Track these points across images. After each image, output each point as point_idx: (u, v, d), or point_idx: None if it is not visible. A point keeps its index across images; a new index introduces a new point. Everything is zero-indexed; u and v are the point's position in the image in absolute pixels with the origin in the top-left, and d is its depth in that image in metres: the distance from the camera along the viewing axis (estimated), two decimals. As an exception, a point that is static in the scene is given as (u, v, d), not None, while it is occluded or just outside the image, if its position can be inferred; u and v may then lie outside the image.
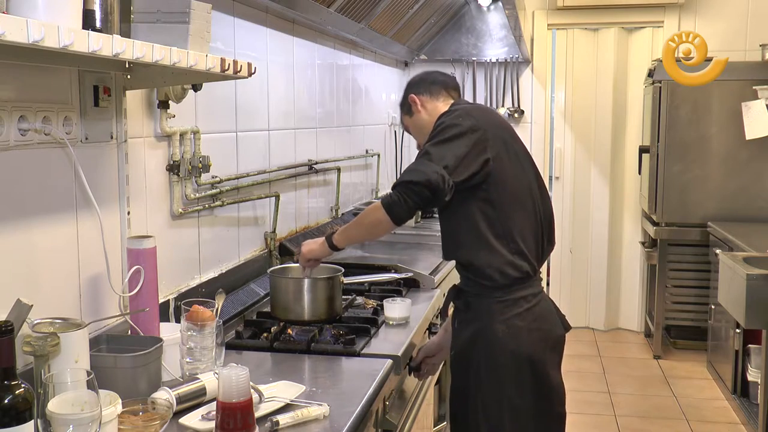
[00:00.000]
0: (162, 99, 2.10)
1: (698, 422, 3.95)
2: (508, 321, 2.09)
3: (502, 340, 2.08)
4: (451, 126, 2.08)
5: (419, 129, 2.33)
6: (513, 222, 2.11)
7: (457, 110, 2.18)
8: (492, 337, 2.09)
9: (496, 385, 2.10)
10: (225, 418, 1.43)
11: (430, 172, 1.96)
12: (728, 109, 4.72)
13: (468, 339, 2.14)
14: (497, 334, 2.09)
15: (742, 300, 3.07)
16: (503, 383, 2.10)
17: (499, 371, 2.10)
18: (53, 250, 1.69)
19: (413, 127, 2.36)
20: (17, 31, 1.12)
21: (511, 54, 5.40)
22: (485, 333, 2.10)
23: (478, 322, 2.12)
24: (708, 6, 5.21)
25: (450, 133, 2.05)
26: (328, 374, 1.92)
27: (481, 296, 2.13)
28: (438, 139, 2.06)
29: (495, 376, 2.10)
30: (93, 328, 1.68)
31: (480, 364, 2.11)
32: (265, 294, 2.58)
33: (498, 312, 2.10)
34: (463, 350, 2.17)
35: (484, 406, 2.11)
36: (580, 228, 5.64)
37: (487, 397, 2.11)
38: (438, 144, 2.04)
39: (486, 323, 2.10)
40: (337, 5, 2.98)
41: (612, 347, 5.27)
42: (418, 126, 2.33)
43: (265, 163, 2.90)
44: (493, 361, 2.10)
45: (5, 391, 1.17)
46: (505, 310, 2.10)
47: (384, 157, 4.74)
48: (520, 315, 2.10)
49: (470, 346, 2.14)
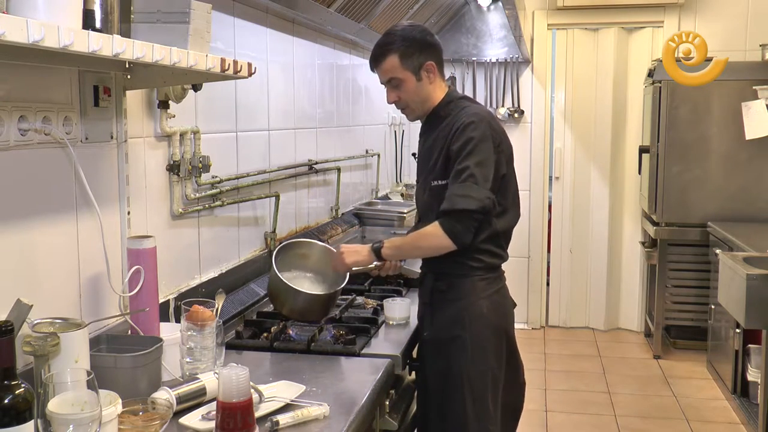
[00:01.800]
0: (162, 99, 2.10)
1: (698, 422, 3.95)
2: (491, 297, 2.23)
3: (486, 315, 2.22)
4: (484, 141, 2.15)
5: (415, 95, 2.27)
6: (511, 217, 2.28)
7: (477, 116, 2.18)
8: (477, 313, 2.21)
9: (482, 359, 2.20)
10: (225, 418, 1.43)
11: (483, 199, 2.11)
12: (728, 109, 4.71)
13: (451, 317, 2.22)
14: (482, 309, 2.21)
15: (742, 300, 3.07)
16: (488, 357, 2.21)
17: (485, 345, 2.21)
18: (53, 250, 1.69)
19: (411, 91, 2.26)
20: (17, 31, 1.12)
21: (511, 54, 5.40)
22: (470, 309, 2.21)
23: (464, 300, 2.22)
24: (708, 6, 5.21)
25: (486, 152, 2.14)
26: (328, 374, 1.92)
27: (465, 276, 2.22)
28: (478, 159, 2.13)
29: (480, 350, 2.20)
30: (93, 328, 1.68)
31: (466, 340, 2.19)
32: (265, 294, 2.58)
33: (482, 289, 2.23)
34: (446, 328, 2.23)
35: (470, 380, 2.18)
36: (580, 228, 5.64)
37: (472, 371, 2.19)
38: (479, 165, 2.12)
39: (471, 300, 2.21)
40: (337, 5, 2.98)
41: (612, 347, 5.27)
42: (417, 93, 2.26)
43: (265, 163, 2.90)
44: (478, 336, 2.20)
45: (5, 391, 1.17)
46: (488, 287, 2.24)
47: (384, 157, 4.74)
48: (498, 291, 2.27)
49: (454, 324, 2.21)
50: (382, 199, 4.51)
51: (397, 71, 2.24)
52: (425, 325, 2.30)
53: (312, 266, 2.48)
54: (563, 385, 4.52)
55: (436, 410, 2.25)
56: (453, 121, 2.22)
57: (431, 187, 2.24)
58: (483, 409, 2.19)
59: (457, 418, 2.19)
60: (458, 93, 2.38)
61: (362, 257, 2.28)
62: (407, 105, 2.30)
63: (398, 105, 2.32)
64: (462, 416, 2.18)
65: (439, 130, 2.26)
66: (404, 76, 2.24)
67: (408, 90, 2.26)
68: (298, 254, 2.48)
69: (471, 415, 2.18)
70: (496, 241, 2.24)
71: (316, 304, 2.29)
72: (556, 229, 5.72)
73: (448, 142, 2.19)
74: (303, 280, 2.46)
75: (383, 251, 2.25)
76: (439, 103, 2.28)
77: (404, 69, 2.23)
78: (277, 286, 2.29)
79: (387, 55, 2.23)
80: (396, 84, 2.26)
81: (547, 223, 5.71)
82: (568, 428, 3.93)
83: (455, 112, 2.24)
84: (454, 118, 2.22)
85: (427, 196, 2.27)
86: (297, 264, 2.47)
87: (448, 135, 2.19)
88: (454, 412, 2.20)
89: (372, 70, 2.31)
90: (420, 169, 2.38)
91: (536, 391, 4.32)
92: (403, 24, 2.38)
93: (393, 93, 2.29)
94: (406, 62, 2.23)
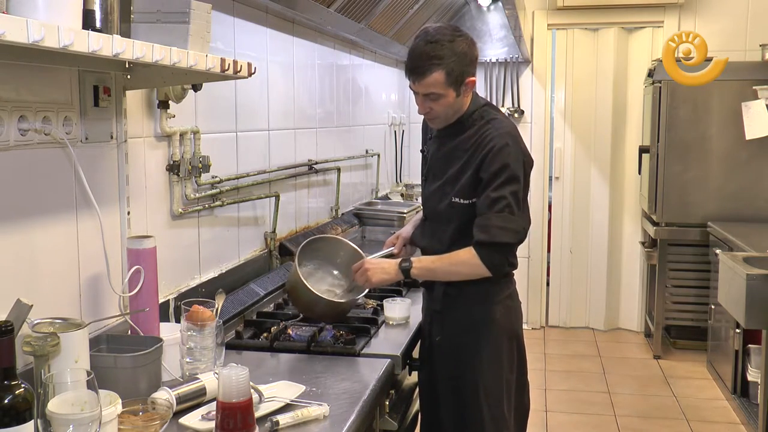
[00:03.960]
0: (162, 99, 2.10)
1: (698, 422, 3.95)
2: (503, 302, 2.22)
3: (499, 320, 2.20)
4: (517, 165, 2.12)
5: (450, 109, 2.16)
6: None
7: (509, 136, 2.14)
8: (490, 318, 2.19)
9: (496, 365, 2.19)
10: (225, 418, 1.43)
11: (520, 231, 2.13)
12: (728, 109, 4.71)
13: (464, 323, 2.20)
14: (495, 315, 2.20)
15: (742, 300, 3.07)
16: (502, 362, 2.20)
17: (499, 351, 2.20)
18: (53, 250, 1.69)
19: (448, 105, 2.14)
20: (17, 31, 1.12)
21: (511, 54, 5.40)
22: (484, 315, 2.19)
23: (477, 306, 2.20)
24: (708, 6, 5.21)
25: (520, 177, 2.12)
26: (328, 374, 1.92)
27: (478, 282, 2.18)
28: (514, 188, 2.11)
29: (495, 356, 2.19)
30: (93, 328, 1.68)
31: (481, 347, 2.18)
32: (265, 294, 2.58)
33: (494, 294, 2.21)
34: (458, 334, 2.21)
35: (486, 387, 2.17)
36: (580, 228, 5.64)
37: (489, 378, 2.18)
38: (515, 193, 2.11)
39: (485, 306, 2.20)
40: (337, 5, 2.98)
41: (612, 347, 5.27)
42: (452, 107, 2.16)
43: (265, 163, 2.90)
44: (494, 342, 2.19)
45: (5, 391, 1.17)
46: (500, 292, 2.22)
47: (384, 157, 4.74)
48: (510, 296, 2.25)
49: (467, 330, 2.20)
50: (382, 199, 4.51)
51: (439, 87, 2.09)
52: (436, 330, 2.27)
53: (338, 263, 2.48)
54: (563, 385, 4.52)
55: (451, 416, 2.24)
56: (480, 136, 2.14)
57: (452, 203, 2.18)
58: (499, 415, 2.18)
59: (475, 425, 2.18)
60: (482, 99, 2.27)
61: (390, 276, 2.22)
62: (438, 116, 2.19)
63: (428, 115, 2.21)
64: (480, 423, 2.17)
65: (460, 140, 2.19)
66: (446, 92, 2.10)
67: (445, 104, 2.14)
68: (324, 249, 2.47)
69: (488, 422, 2.16)
70: None
71: (334, 309, 2.29)
72: (556, 229, 5.72)
73: (478, 163, 2.11)
74: (326, 275, 2.47)
75: (412, 272, 2.19)
76: (465, 111, 2.20)
77: (448, 86, 2.09)
78: (297, 286, 2.27)
79: (434, 70, 2.06)
80: (434, 98, 2.12)
81: (547, 224, 5.71)
82: (568, 428, 3.93)
83: (480, 124, 2.17)
84: (481, 133, 2.15)
85: (446, 207, 2.21)
86: (322, 257, 2.47)
87: (476, 152, 2.12)
88: (472, 419, 2.19)
89: (409, 78, 2.14)
90: (434, 171, 2.29)
91: (536, 391, 4.32)
92: (447, 30, 2.13)
93: (428, 105, 2.15)
94: (451, 79, 2.08)
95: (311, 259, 2.44)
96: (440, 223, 2.25)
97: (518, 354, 2.27)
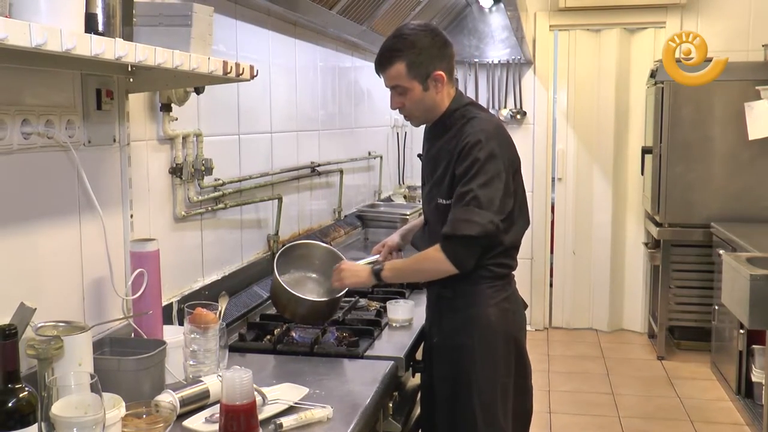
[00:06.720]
0: (164, 102, 2.10)
1: (702, 423, 3.95)
2: (499, 304, 2.19)
3: (494, 323, 2.18)
4: (489, 161, 2.06)
5: (420, 104, 2.16)
6: (519, 227, 2.23)
7: (483, 133, 2.08)
8: (486, 321, 2.17)
9: (492, 367, 2.17)
10: (228, 420, 1.43)
11: (485, 224, 2.03)
12: (731, 110, 4.71)
13: (459, 324, 2.19)
14: (491, 317, 2.17)
15: (746, 300, 3.07)
16: (497, 365, 2.18)
17: (494, 353, 2.17)
18: (56, 254, 1.70)
19: (416, 100, 2.15)
20: (20, 35, 1.12)
21: (513, 55, 5.40)
22: (479, 317, 2.17)
23: (473, 308, 2.18)
24: (710, 6, 5.20)
25: (492, 172, 2.05)
26: (332, 376, 1.92)
27: (472, 284, 2.17)
28: (482, 181, 2.04)
29: (490, 358, 2.17)
30: (96, 331, 1.68)
31: (474, 349, 2.16)
32: (268, 296, 2.58)
33: (489, 296, 2.18)
34: (453, 336, 2.20)
35: (479, 389, 2.16)
36: (582, 229, 5.63)
37: (481, 379, 2.16)
38: (483, 186, 2.04)
39: (480, 308, 2.18)
40: (339, 7, 2.98)
41: (615, 348, 5.26)
42: (422, 102, 2.16)
43: (267, 165, 2.90)
44: (487, 344, 2.17)
45: (9, 395, 1.18)
46: (496, 294, 2.19)
47: (386, 159, 4.74)
48: (507, 298, 2.22)
49: (462, 332, 2.18)
50: (385, 201, 4.51)
51: (402, 80, 2.12)
52: (434, 332, 2.28)
53: (316, 267, 2.48)
54: (567, 387, 4.51)
55: (445, 417, 2.23)
56: (458, 134, 2.12)
57: (437, 204, 2.19)
58: (493, 418, 2.16)
59: (467, 426, 2.17)
60: (466, 98, 2.26)
61: (361, 279, 2.25)
62: (411, 113, 2.21)
63: (402, 111, 2.23)
64: (472, 424, 2.16)
65: (444, 141, 2.19)
66: (410, 85, 2.12)
67: (413, 99, 2.15)
68: (301, 255, 2.47)
69: (481, 424, 2.15)
70: (507, 253, 2.20)
71: (317, 309, 2.29)
72: (559, 230, 5.72)
73: (453, 161, 2.10)
74: (306, 281, 2.46)
75: (383, 274, 2.20)
76: (445, 111, 2.19)
77: (411, 78, 2.11)
78: (278, 291, 2.28)
79: (393, 61, 2.11)
80: (401, 91, 2.15)
81: (550, 225, 5.71)
82: (572, 429, 3.92)
83: (460, 123, 2.15)
84: (459, 131, 2.13)
85: (434, 209, 2.21)
86: (300, 265, 2.47)
87: (453, 152, 2.11)
88: (464, 419, 2.18)
89: (377, 73, 2.22)
90: (425, 174, 2.32)
91: (540, 392, 4.30)
92: (413, 25, 2.20)
93: (397, 99, 2.18)
94: (413, 71, 2.10)
95: (289, 271, 2.42)
96: (434, 225, 2.25)
97: (517, 357, 2.23)
